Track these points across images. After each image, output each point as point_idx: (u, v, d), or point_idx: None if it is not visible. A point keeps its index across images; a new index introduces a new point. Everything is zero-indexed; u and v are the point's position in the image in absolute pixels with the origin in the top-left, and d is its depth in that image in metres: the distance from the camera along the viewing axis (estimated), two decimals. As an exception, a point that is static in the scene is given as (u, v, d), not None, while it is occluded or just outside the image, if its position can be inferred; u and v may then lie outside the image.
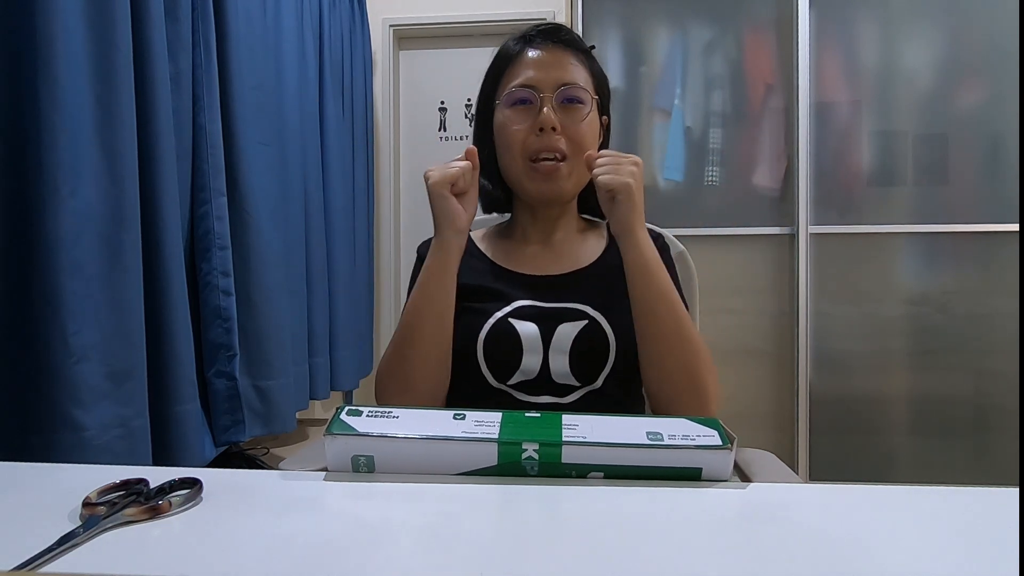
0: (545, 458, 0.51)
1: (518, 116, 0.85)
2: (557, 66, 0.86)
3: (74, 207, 1.06)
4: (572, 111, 0.85)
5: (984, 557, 0.40)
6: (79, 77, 1.08)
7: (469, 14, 2.90)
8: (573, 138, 0.84)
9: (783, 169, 2.50)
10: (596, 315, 0.83)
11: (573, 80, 0.85)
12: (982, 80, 2.39)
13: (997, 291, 2.38)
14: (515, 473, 0.52)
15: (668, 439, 0.52)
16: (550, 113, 0.83)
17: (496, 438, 0.52)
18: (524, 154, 0.85)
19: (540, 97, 0.84)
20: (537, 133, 0.83)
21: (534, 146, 0.84)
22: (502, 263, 0.91)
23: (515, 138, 0.85)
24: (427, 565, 0.39)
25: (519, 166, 0.86)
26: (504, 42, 0.91)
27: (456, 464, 0.52)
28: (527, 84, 0.85)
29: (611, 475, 0.52)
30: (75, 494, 0.48)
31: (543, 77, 0.85)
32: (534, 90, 0.84)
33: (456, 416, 0.56)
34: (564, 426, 0.53)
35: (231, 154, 1.63)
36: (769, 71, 2.52)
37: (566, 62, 0.86)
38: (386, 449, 0.53)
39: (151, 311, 1.26)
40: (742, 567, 0.39)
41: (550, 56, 0.86)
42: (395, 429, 0.53)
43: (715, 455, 0.51)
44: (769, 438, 2.52)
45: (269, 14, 1.89)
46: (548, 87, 0.84)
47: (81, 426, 1.05)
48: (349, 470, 0.54)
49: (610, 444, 0.51)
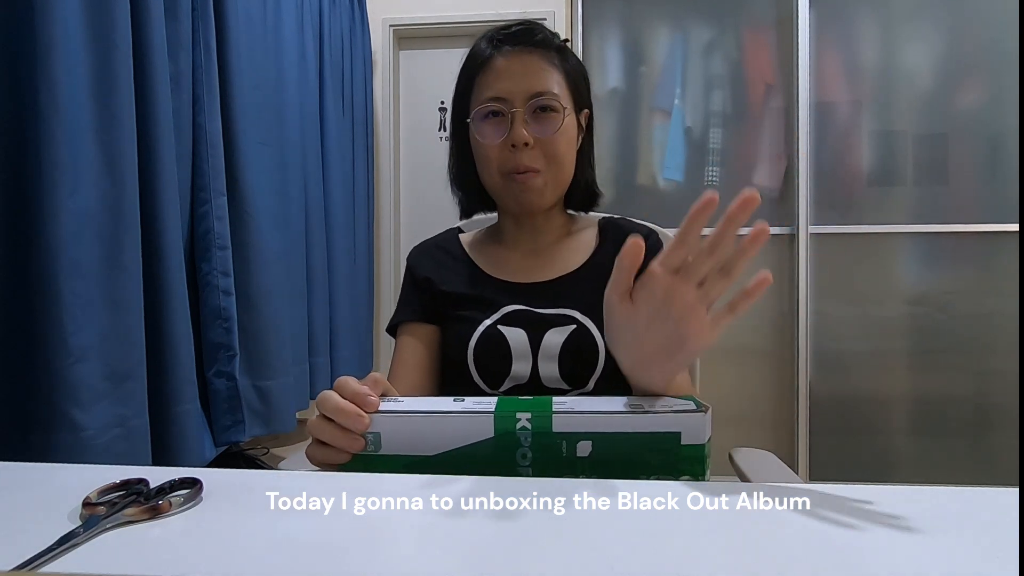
0: (538, 427, 0.55)
1: (490, 131, 0.84)
2: (527, 74, 0.83)
3: (74, 207, 1.06)
4: (545, 121, 0.83)
5: (984, 557, 0.40)
6: (79, 77, 1.08)
7: (469, 14, 2.90)
8: (547, 150, 0.83)
9: (783, 169, 2.50)
10: (584, 320, 0.82)
11: (544, 88, 0.83)
12: (982, 80, 2.39)
13: (997, 291, 2.38)
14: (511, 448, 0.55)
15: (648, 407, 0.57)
16: (521, 129, 0.81)
17: (492, 411, 0.56)
18: (500, 170, 0.84)
19: (512, 113, 0.82)
20: (510, 149, 0.82)
21: (509, 163, 0.83)
22: (490, 271, 0.91)
23: (489, 154, 0.84)
24: (427, 565, 0.39)
25: (496, 181, 0.86)
26: (476, 41, 0.88)
27: (456, 437, 0.56)
28: (497, 97, 0.83)
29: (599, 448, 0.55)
30: (75, 494, 0.48)
31: (512, 88, 0.82)
32: (504, 103, 0.82)
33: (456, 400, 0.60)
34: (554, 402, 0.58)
35: (231, 154, 1.63)
36: (769, 71, 2.52)
37: (537, 68, 0.84)
38: (392, 426, 0.56)
39: (151, 311, 1.26)
40: (741, 567, 0.39)
41: (519, 64, 0.83)
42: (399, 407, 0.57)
43: (692, 418, 0.55)
44: (769, 438, 2.52)
45: (269, 14, 1.89)
46: (519, 99, 0.82)
47: (81, 426, 1.05)
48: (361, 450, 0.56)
49: (596, 412, 0.56)
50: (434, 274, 0.91)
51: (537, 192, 0.85)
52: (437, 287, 0.89)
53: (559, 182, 0.86)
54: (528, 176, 0.83)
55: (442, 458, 0.55)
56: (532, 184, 0.84)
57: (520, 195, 0.85)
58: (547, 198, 0.87)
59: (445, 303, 0.88)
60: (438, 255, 0.94)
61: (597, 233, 0.95)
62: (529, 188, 0.84)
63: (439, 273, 0.91)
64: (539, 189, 0.84)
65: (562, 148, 0.84)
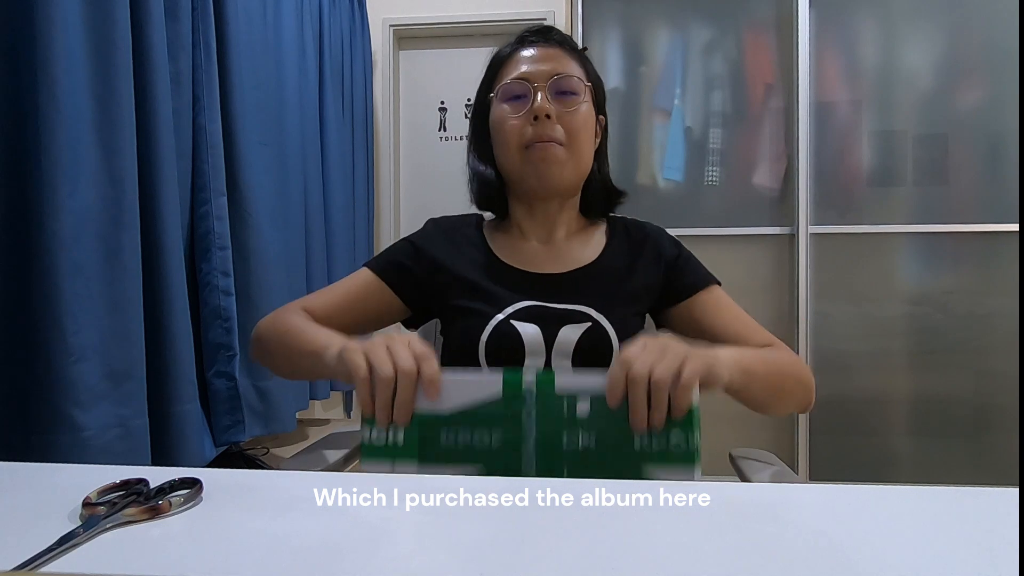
0: (542, 388, 0.60)
1: (513, 109, 0.86)
2: (550, 60, 0.87)
3: (73, 207, 1.06)
4: (566, 101, 0.86)
5: (984, 557, 0.40)
6: (79, 77, 1.08)
7: (469, 14, 2.90)
8: (569, 126, 0.85)
9: (783, 169, 2.50)
10: (599, 317, 0.82)
11: (566, 71, 0.87)
12: (982, 80, 2.39)
13: (997, 291, 2.38)
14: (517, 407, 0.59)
15: None
16: (544, 101, 0.84)
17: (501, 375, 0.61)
18: (520, 143, 0.85)
19: (534, 87, 0.85)
20: (532, 122, 0.84)
21: (529, 134, 0.85)
22: (504, 257, 0.91)
23: (511, 129, 0.86)
24: (427, 565, 0.39)
25: (515, 156, 0.86)
26: (499, 47, 0.93)
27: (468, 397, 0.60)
28: (520, 77, 0.86)
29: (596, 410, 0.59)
30: (75, 494, 0.48)
31: (535, 70, 0.86)
32: (527, 82, 0.86)
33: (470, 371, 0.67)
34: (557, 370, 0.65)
35: (231, 154, 1.63)
36: (769, 71, 2.52)
37: (559, 56, 0.88)
38: None
39: (151, 311, 1.26)
40: (741, 567, 0.39)
41: (543, 52, 0.88)
42: None
43: None
44: (769, 438, 2.52)
45: (269, 14, 1.89)
46: (541, 78, 0.85)
47: (80, 426, 1.05)
48: None
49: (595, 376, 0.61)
50: (447, 257, 0.90)
51: (558, 164, 0.85)
52: (449, 272, 0.89)
53: (578, 162, 0.88)
54: (549, 145, 0.84)
55: (455, 416, 0.59)
56: (553, 153, 0.84)
57: (539, 165, 0.85)
58: (567, 175, 0.87)
59: (456, 290, 0.87)
60: (455, 236, 0.94)
61: (606, 229, 0.96)
62: (549, 158, 0.85)
63: (452, 256, 0.91)
64: (560, 160, 0.85)
65: (583, 129, 0.87)
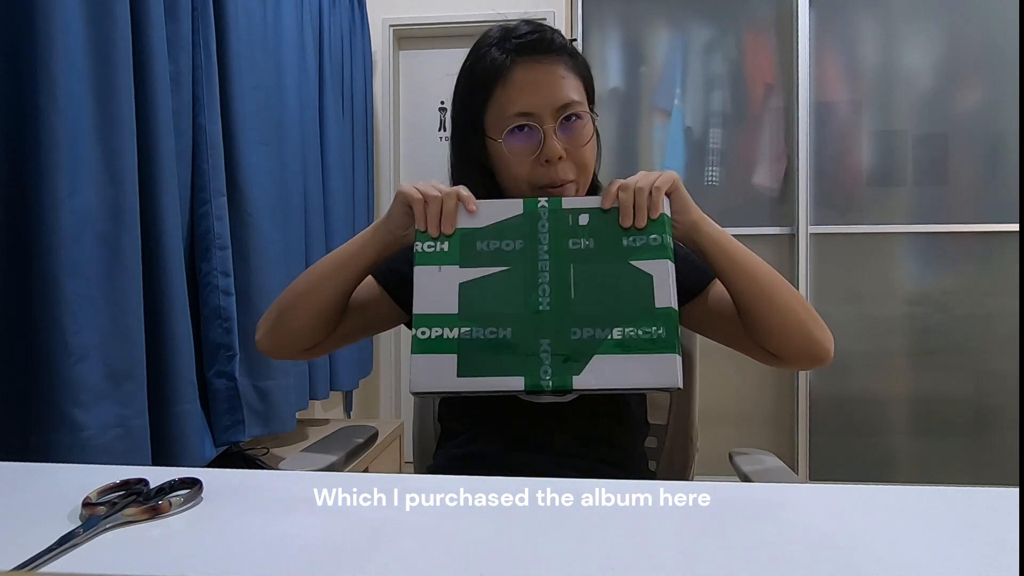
0: (553, 205, 0.75)
1: (521, 146, 0.82)
2: (552, 86, 0.82)
3: (73, 207, 1.06)
4: (574, 131, 0.83)
5: (984, 557, 0.40)
6: (78, 77, 1.08)
7: (469, 14, 2.90)
8: (578, 160, 0.84)
9: (783, 169, 2.50)
10: None
11: (570, 99, 0.82)
12: (982, 80, 2.39)
13: (997, 291, 2.38)
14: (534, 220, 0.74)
15: None
16: (554, 144, 0.81)
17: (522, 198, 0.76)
18: (532, 184, 0.84)
19: (543, 129, 0.81)
20: (543, 164, 0.82)
21: (543, 178, 0.82)
22: None
23: (520, 170, 0.83)
24: (427, 565, 0.39)
25: (526, 192, 0.84)
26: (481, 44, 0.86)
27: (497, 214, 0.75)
28: (525, 112, 0.81)
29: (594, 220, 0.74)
30: (75, 494, 0.48)
31: (540, 102, 0.81)
32: (534, 118, 0.81)
33: None
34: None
35: (231, 154, 1.63)
36: (769, 71, 2.52)
37: (558, 77, 0.82)
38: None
39: (151, 311, 1.26)
40: (741, 567, 0.39)
41: (542, 74, 0.82)
42: None
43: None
44: (769, 438, 2.52)
45: (269, 14, 1.89)
46: (547, 113, 0.81)
47: (80, 426, 1.05)
48: None
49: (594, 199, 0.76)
50: None
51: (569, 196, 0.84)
52: None
53: (586, 183, 0.87)
54: (564, 188, 0.83)
55: (488, 229, 0.73)
56: (566, 191, 0.83)
57: None
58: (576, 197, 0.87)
59: None
60: None
61: None
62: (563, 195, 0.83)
63: None
64: (572, 193, 0.84)
65: (590, 155, 0.86)
